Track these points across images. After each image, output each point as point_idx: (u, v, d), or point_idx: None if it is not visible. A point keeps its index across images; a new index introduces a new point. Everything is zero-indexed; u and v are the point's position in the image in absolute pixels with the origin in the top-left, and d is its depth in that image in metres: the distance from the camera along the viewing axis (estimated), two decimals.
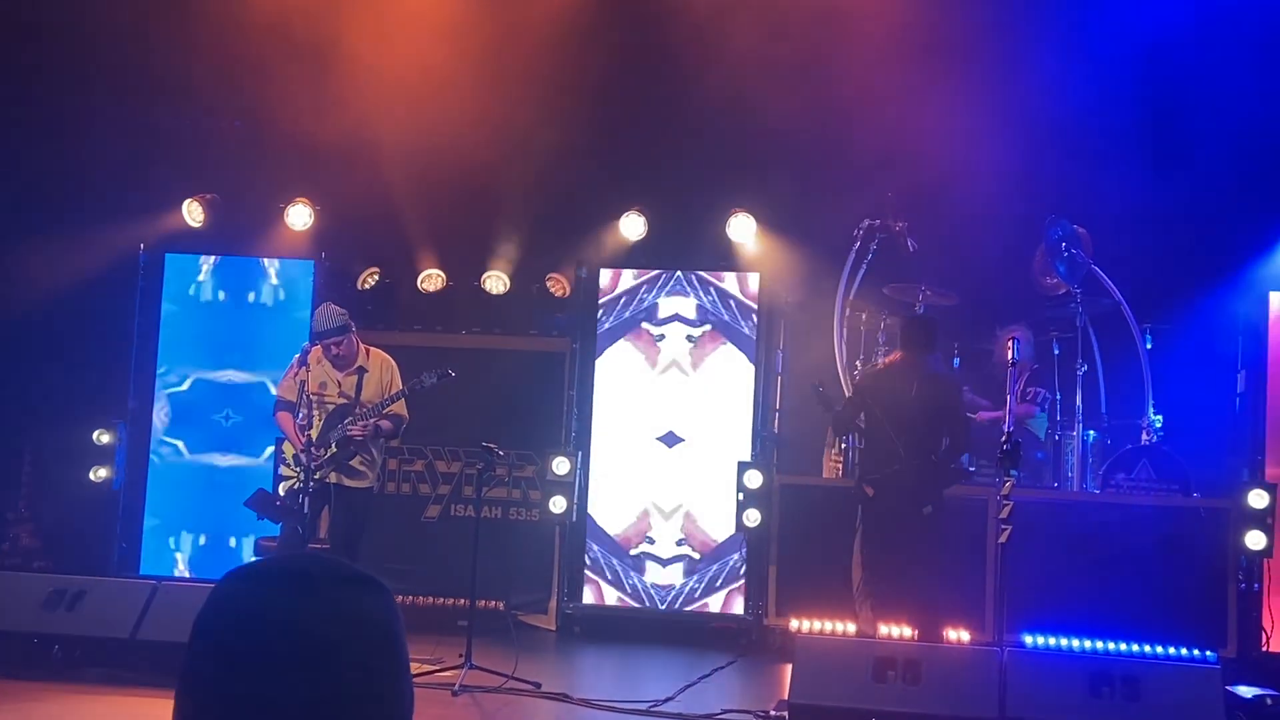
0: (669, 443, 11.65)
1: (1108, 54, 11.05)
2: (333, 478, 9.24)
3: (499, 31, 11.58)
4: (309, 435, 9.16)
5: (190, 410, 12.40)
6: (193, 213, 12.35)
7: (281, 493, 9.43)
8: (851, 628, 10.06)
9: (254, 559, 1.65)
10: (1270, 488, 10.01)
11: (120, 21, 11.75)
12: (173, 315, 12.43)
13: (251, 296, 12.47)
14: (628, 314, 11.86)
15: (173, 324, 12.43)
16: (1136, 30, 11.09)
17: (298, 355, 9.50)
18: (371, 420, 9.22)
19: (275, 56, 11.44)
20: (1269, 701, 8.27)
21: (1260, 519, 9.86)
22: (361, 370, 9.39)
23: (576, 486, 11.34)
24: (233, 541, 12.11)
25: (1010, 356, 9.04)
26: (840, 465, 11.13)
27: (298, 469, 9.18)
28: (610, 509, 11.66)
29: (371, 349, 9.58)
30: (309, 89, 11.84)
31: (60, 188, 12.28)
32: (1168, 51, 10.96)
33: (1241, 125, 10.99)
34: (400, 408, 9.40)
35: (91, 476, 11.97)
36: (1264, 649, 10.15)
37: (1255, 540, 9.85)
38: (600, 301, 11.91)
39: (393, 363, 9.57)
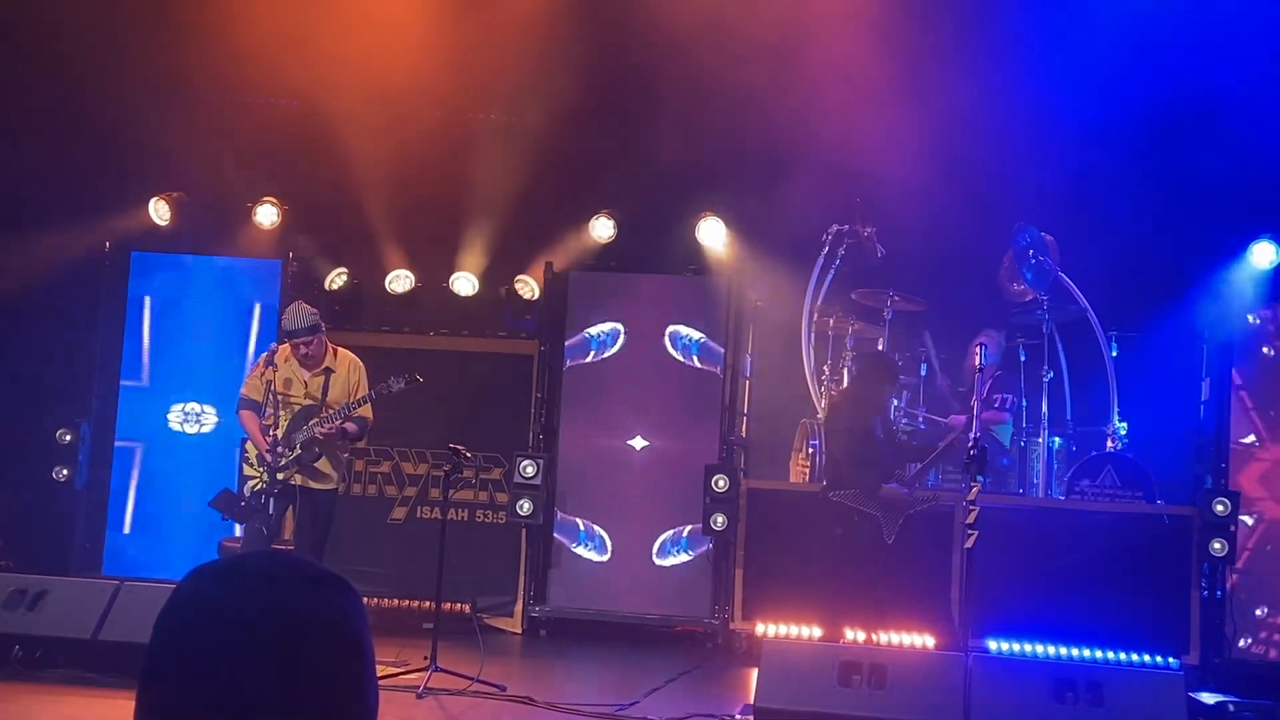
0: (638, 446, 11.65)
1: (1078, 62, 11.10)
2: (297, 479, 9.20)
3: (470, 34, 11.55)
4: (274, 435, 9.12)
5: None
6: (159, 211, 12.27)
7: (246, 493, 9.38)
8: (818, 631, 10.09)
9: (217, 558, 1.61)
10: (1232, 495, 10.08)
11: (87, 18, 11.68)
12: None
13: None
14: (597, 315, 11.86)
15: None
16: (1108, 39, 11.14)
17: (264, 354, 9.45)
18: (337, 422, 9.18)
19: (245, 54, 11.38)
20: (1231, 708, 8.32)
21: (1223, 526, 9.94)
22: (329, 371, 9.34)
23: (544, 489, 11.32)
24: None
25: (977, 362, 9.08)
26: (807, 470, 11.14)
27: (261, 469, 9.14)
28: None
29: (339, 349, 9.54)
30: (280, 88, 11.80)
31: (25, 184, 12.18)
32: (1139, 61, 11.01)
33: (1212, 135, 11.05)
34: (366, 410, 9.36)
35: (54, 475, 11.87)
36: (1226, 655, 10.23)
37: (1218, 547, 9.93)
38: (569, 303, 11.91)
39: (360, 364, 9.53)
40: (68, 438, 11.92)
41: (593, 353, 11.83)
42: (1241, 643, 10.31)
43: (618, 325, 11.86)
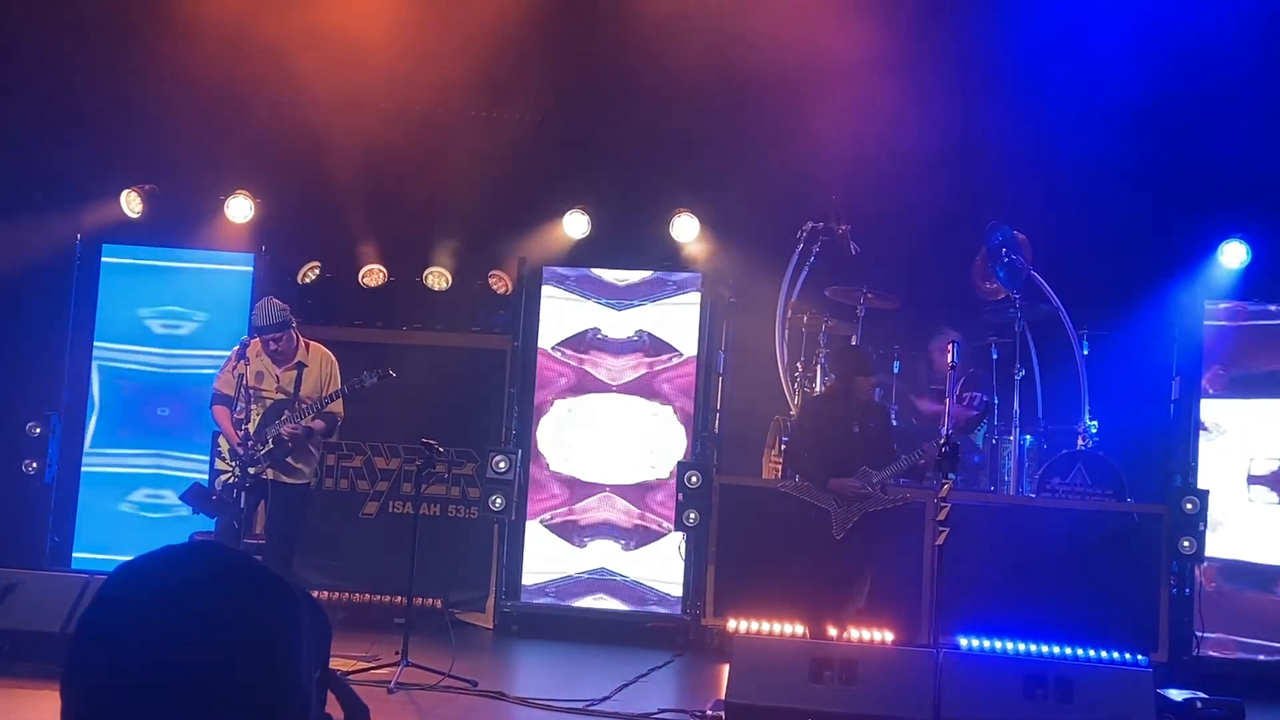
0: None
1: (1050, 62, 11.15)
2: (269, 474, 9.17)
3: (444, 28, 11.53)
4: (246, 429, 9.09)
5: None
6: (131, 203, 12.21)
7: (218, 487, 9.35)
8: (789, 628, 10.11)
9: (147, 552, 1.56)
10: (1201, 494, 10.14)
11: (57, 8, 11.62)
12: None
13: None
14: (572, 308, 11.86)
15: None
16: (1078, 40, 11.20)
17: (236, 348, 9.43)
18: (305, 421, 9.14)
19: (217, 47, 11.34)
20: (1199, 704, 8.37)
21: (1192, 524, 10.00)
22: (301, 365, 9.32)
23: (516, 484, 11.31)
24: None
25: (950, 360, 9.09)
26: (780, 466, 11.16)
27: (234, 463, 9.11)
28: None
29: (312, 343, 9.52)
30: (253, 81, 11.75)
31: None
32: (1110, 61, 11.07)
33: (1184, 135, 11.13)
34: (337, 406, 9.34)
35: (24, 468, 11.81)
36: (1194, 653, 10.30)
37: (1187, 545, 10.00)
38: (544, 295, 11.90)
39: (333, 358, 9.51)
40: (37, 430, 11.85)
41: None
42: None
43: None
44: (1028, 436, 11.07)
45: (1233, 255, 11.25)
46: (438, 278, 12.35)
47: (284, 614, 1.52)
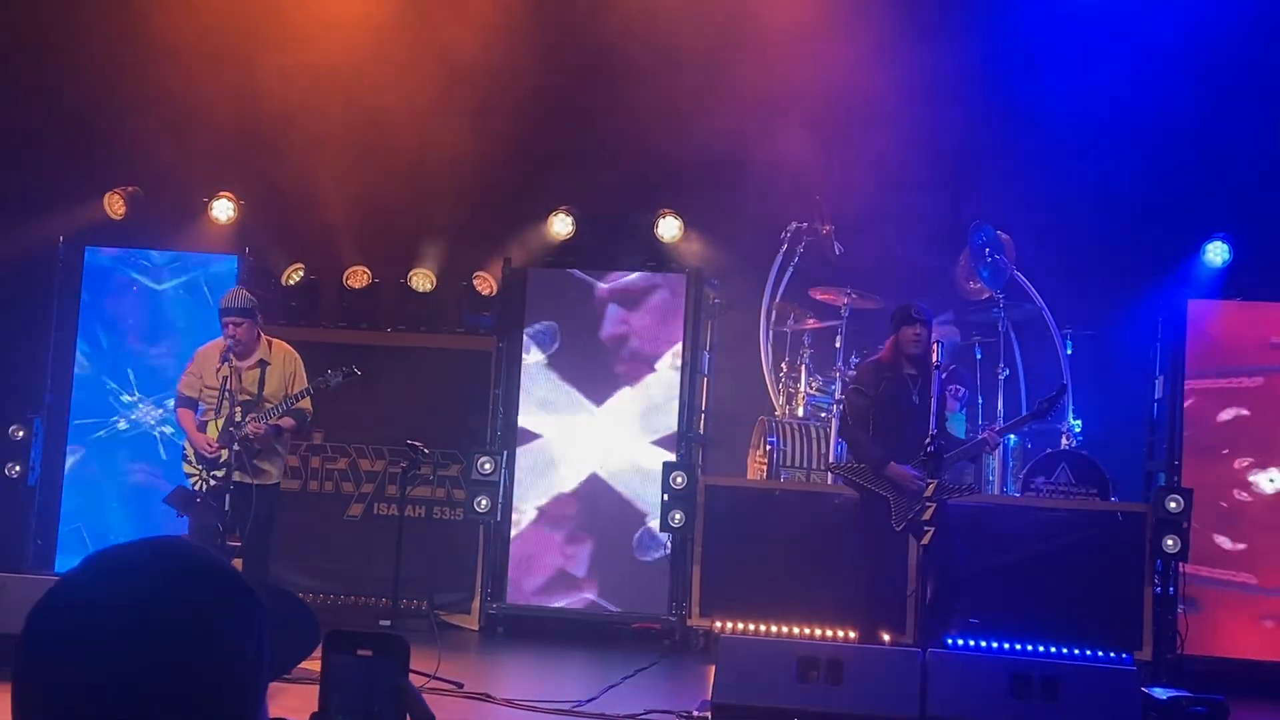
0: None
1: (1033, 61, 11.18)
2: (237, 475, 9.10)
3: (428, 28, 11.52)
4: (215, 426, 9.06)
5: None
6: (113, 205, 12.16)
7: (201, 490, 9.31)
8: (775, 627, 10.10)
9: (105, 548, 1.56)
10: (1185, 493, 10.16)
11: (39, 10, 11.58)
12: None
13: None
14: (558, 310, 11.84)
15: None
16: (1063, 37, 11.23)
17: (198, 350, 9.41)
18: (272, 419, 9.09)
19: (200, 47, 11.31)
20: (1183, 702, 8.40)
21: (1176, 524, 10.02)
22: (263, 364, 9.24)
23: (501, 486, 11.30)
24: None
25: (935, 359, 9.08)
26: (764, 467, 11.16)
27: (200, 466, 9.07)
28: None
29: (274, 341, 9.44)
30: (236, 82, 11.73)
31: None
32: (1093, 59, 11.10)
33: (1166, 133, 11.16)
34: (305, 404, 9.28)
35: (6, 471, 11.76)
36: (1178, 651, 10.32)
37: (1171, 544, 10.02)
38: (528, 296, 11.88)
39: (297, 356, 9.44)
40: (20, 434, 11.80)
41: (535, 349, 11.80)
42: None
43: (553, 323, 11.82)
44: (1012, 436, 11.08)
45: (1215, 254, 11.27)
46: (422, 279, 12.33)
47: (226, 610, 1.51)
